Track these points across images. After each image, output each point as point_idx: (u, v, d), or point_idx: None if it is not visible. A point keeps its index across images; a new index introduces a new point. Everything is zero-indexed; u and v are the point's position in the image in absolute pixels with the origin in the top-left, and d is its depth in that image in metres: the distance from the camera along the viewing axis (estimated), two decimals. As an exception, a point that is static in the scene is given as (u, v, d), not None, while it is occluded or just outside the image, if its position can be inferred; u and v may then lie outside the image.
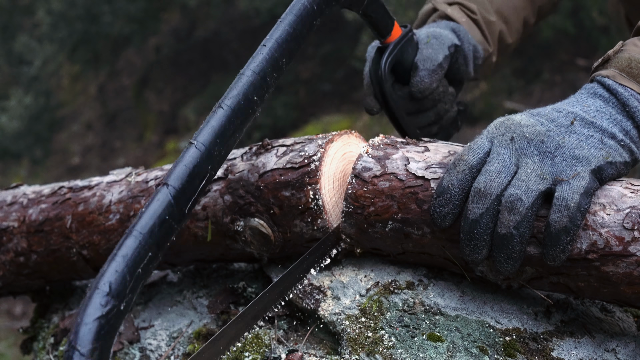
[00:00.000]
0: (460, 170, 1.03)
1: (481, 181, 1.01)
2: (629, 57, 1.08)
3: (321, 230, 1.15)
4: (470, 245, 1.02)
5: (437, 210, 1.04)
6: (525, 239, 0.99)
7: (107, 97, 9.04)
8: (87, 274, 1.41)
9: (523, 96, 6.25)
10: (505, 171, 1.01)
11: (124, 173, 1.39)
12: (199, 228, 1.23)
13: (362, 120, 6.66)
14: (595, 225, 0.98)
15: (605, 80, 1.07)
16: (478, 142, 1.06)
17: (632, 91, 1.05)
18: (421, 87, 1.40)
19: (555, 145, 1.01)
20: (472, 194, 1.01)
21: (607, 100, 1.06)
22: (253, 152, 1.22)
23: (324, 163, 1.15)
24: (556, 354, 1.04)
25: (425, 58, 1.40)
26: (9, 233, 1.44)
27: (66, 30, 7.58)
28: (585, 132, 1.02)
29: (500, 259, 1.01)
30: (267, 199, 1.16)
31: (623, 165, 1.03)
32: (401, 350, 1.03)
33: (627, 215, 0.98)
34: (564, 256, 0.98)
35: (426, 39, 1.42)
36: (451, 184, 1.03)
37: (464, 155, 1.05)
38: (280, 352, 1.11)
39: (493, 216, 1.00)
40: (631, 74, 1.06)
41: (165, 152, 7.55)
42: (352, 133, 1.23)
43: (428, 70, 1.39)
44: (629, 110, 1.04)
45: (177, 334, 1.27)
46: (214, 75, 8.04)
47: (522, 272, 1.05)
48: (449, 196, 1.03)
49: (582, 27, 5.93)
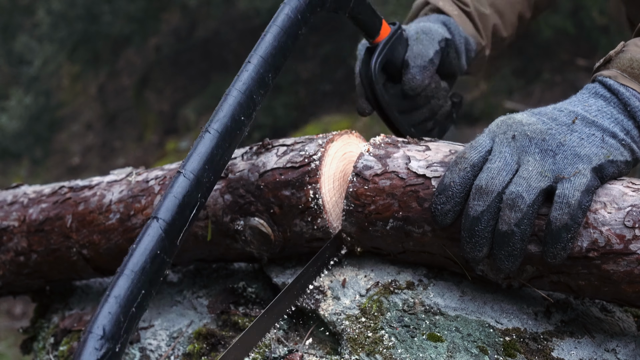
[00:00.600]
0: (462, 168, 1.04)
1: (483, 179, 1.01)
2: (631, 58, 1.08)
3: (321, 230, 1.15)
4: (471, 243, 1.02)
5: (439, 208, 1.05)
6: (526, 236, 0.99)
7: (107, 97, 9.04)
8: (87, 273, 1.41)
9: (523, 96, 6.25)
10: (506, 169, 1.01)
11: (125, 173, 1.39)
12: (198, 228, 1.23)
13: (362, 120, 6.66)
14: (596, 223, 0.99)
15: (607, 80, 1.07)
16: (480, 141, 1.06)
17: (633, 91, 1.05)
18: (413, 85, 1.39)
19: (557, 143, 1.01)
20: (474, 191, 1.01)
21: (609, 100, 1.06)
22: (253, 152, 1.22)
23: (324, 163, 1.15)
24: (556, 354, 1.04)
25: (415, 55, 1.39)
26: (9, 232, 1.44)
27: (66, 30, 7.59)
28: (586, 131, 1.02)
29: (501, 257, 1.01)
30: (267, 199, 1.16)
31: (624, 164, 1.03)
32: (401, 350, 1.03)
33: (628, 214, 0.98)
34: (564, 254, 0.98)
35: (415, 35, 1.41)
36: (453, 181, 1.04)
37: (465, 153, 1.05)
38: (280, 352, 1.11)
39: (494, 214, 1.00)
40: (633, 74, 1.07)
41: (165, 152, 7.55)
42: (353, 133, 1.23)
43: (419, 67, 1.38)
44: (630, 110, 1.05)
45: (177, 334, 1.27)
46: (214, 75, 8.04)
47: (523, 271, 1.05)
48: (451, 193, 1.04)
49: (582, 27, 5.93)
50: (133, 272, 0.88)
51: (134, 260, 0.88)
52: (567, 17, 5.82)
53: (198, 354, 1.20)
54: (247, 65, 1.04)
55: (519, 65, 6.40)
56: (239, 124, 1.02)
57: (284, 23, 1.06)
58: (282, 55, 1.06)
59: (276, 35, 1.06)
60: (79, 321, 1.41)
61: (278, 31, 1.06)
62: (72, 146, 8.87)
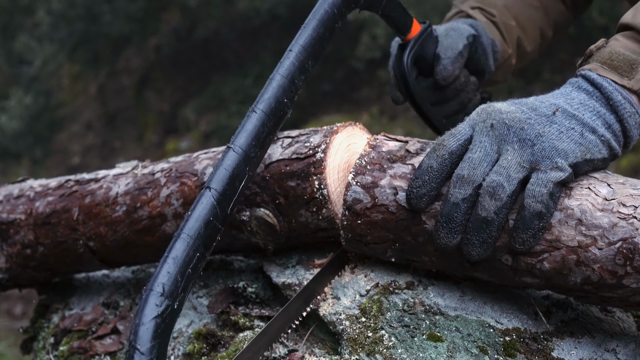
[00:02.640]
0: (440, 155, 1.06)
1: (465, 168, 1.03)
2: (611, 51, 1.09)
3: (326, 220, 1.16)
4: (447, 229, 1.03)
5: (414, 192, 1.06)
6: (501, 225, 1.01)
7: (107, 97, 9.04)
8: (94, 265, 1.42)
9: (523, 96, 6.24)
10: (487, 159, 1.03)
11: (131, 166, 1.40)
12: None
13: (362, 120, 6.66)
14: (587, 261, 0.98)
15: (589, 74, 1.08)
16: (459, 128, 1.07)
17: (615, 85, 1.06)
18: (445, 74, 1.46)
19: (535, 133, 1.02)
20: (455, 179, 1.03)
21: (591, 93, 1.07)
22: (259, 143, 1.24)
23: (328, 154, 1.16)
24: (556, 354, 1.04)
25: (446, 48, 1.47)
26: (16, 225, 1.44)
27: (66, 30, 7.59)
28: (566, 124, 1.03)
29: (475, 243, 1.02)
30: (272, 189, 1.18)
31: (601, 162, 1.04)
32: (401, 350, 1.03)
33: (618, 251, 0.96)
34: (534, 242, 1.00)
35: (445, 32, 1.50)
36: (430, 166, 1.05)
37: (444, 140, 1.07)
38: (280, 352, 1.11)
39: (473, 202, 1.02)
40: (612, 65, 1.08)
41: (165, 152, 7.55)
42: (356, 125, 1.25)
43: (450, 58, 1.46)
44: (612, 104, 1.05)
45: (177, 334, 1.27)
46: (214, 75, 8.04)
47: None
48: (427, 178, 1.05)
49: (582, 27, 5.93)
50: (189, 236, 0.96)
51: (189, 225, 0.97)
52: (567, 17, 5.82)
53: (198, 354, 1.21)
54: (289, 53, 1.12)
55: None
56: (282, 105, 1.10)
57: (322, 16, 1.15)
58: (320, 45, 1.15)
59: (315, 27, 1.14)
60: (79, 321, 1.42)
61: (317, 23, 1.15)
62: (72, 146, 8.88)
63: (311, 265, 1.21)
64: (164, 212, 1.27)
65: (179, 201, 1.25)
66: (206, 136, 7.38)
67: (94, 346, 1.32)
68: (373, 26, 6.29)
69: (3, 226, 1.46)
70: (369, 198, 1.11)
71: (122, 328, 1.34)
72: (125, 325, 1.34)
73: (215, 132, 7.23)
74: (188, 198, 1.24)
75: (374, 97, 7.14)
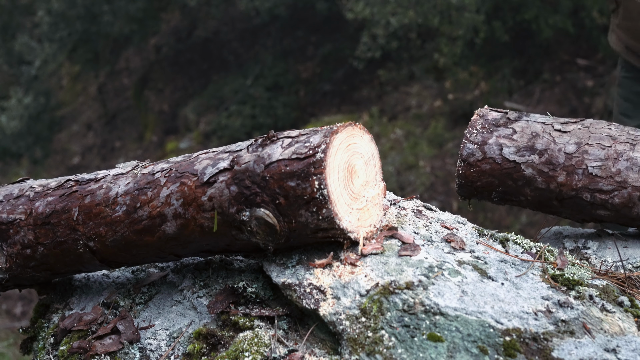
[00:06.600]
0: None
1: None
2: None
3: (326, 220, 1.16)
4: None
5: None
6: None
7: (107, 97, 9.04)
8: (94, 265, 1.42)
9: (523, 96, 6.25)
10: None
11: (130, 166, 1.40)
12: (205, 219, 1.24)
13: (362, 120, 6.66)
14: None
15: None
16: None
17: None
18: None
19: None
20: None
21: None
22: (259, 144, 1.23)
23: (329, 154, 1.16)
24: (556, 354, 1.04)
25: None
26: (16, 226, 1.44)
27: (66, 30, 7.59)
28: None
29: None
30: (272, 189, 1.17)
31: None
32: (401, 350, 1.03)
33: None
34: None
35: None
36: None
37: None
38: (280, 352, 1.11)
39: None
40: None
41: (165, 152, 7.55)
42: (356, 125, 1.24)
43: None
44: None
45: (177, 333, 1.27)
46: (214, 75, 8.04)
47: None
48: None
49: (582, 27, 5.93)
50: None
51: None
52: (567, 17, 5.82)
53: (198, 354, 1.20)
54: None
55: (519, 65, 6.40)
56: None
57: None
58: None
59: None
60: (79, 321, 1.41)
61: None
62: (72, 146, 8.87)
63: (311, 265, 1.21)
64: (164, 212, 1.26)
65: (179, 201, 1.25)
66: (206, 136, 7.39)
67: (94, 346, 1.32)
68: (373, 26, 6.28)
69: (3, 226, 1.46)
70: (480, 153, 1.47)
71: (122, 328, 1.34)
72: (125, 325, 1.34)
73: (215, 132, 7.24)
74: (188, 198, 1.24)
75: (374, 97, 7.13)
